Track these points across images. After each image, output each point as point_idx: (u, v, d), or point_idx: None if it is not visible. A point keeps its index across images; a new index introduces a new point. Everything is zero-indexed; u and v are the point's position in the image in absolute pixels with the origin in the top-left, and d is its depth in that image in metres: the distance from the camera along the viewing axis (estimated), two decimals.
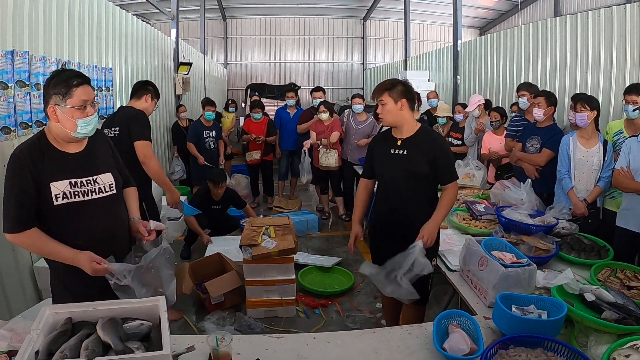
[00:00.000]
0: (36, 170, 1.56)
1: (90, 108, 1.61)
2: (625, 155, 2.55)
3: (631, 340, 1.36)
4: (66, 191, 1.59)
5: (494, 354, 1.40)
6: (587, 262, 2.20)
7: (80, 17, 3.67)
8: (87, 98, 1.59)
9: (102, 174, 1.70)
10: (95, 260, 1.58)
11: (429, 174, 2.14)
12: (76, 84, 1.57)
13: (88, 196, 1.64)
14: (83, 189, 1.63)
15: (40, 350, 1.27)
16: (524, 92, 3.92)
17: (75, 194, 1.61)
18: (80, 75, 1.61)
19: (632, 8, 3.67)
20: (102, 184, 1.69)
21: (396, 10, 13.07)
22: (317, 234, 4.93)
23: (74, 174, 1.62)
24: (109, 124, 2.90)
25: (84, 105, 1.59)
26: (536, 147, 3.36)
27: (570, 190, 2.95)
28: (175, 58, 7.00)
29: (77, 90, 1.57)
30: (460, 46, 7.13)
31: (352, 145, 5.07)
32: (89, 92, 1.61)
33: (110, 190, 1.71)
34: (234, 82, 14.58)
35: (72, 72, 1.62)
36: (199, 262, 3.49)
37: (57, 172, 1.59)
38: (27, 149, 1.58)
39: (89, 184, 1.65)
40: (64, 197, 1.59)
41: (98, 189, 1.67)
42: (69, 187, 1.60)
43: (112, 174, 1.74)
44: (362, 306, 3.31)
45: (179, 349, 1.45)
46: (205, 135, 5.35)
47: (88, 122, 1.60)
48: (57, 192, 1.58)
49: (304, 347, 1.56)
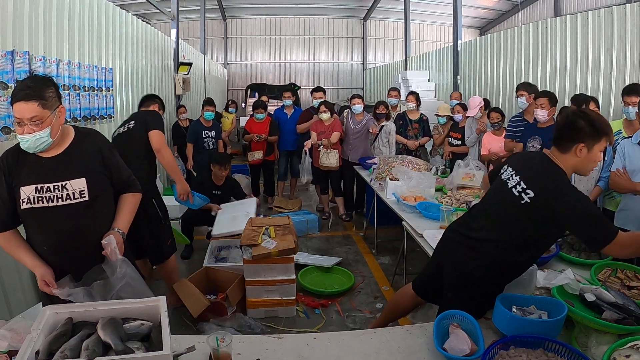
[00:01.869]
0: (11, 175, 1.58)
1: (27, 127, 1.49)
2: (621, 157, 2.57)
3: (631, 341, 1.36)
4: (31, 196, 1.57)
5: (494, 354, 1.40)
6: (587, 262, 2.19)
7: (80, 17, 3.67)
8: (20, 117, 1.48)
9: (73, 180, 1.62)
10: (45, 280, 1.57)
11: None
12: (17, 99, 1.48)
13: (53, 202, 1.59)
14: (48, 194, 1.59)
15: (41, 350, 1.27)
16: (523, 92, 3.93)
17: (38, 200, 1.58)
18: (26, 88, 1.49)
19: (632, 8, 3.67)
20: (71, 190, 1.61)
21: (396, 10, 13.08)
22: (317, 234, 4.93)
23: (41, 179, 1.59)
24: (125, 122, 2.99)
25: (19, 123, 1.50)
26: (537, 148, 3.36)
27: None
28: (175, 58, 6.99)
29: (15, 106, 1.49)
30: (460, 46, 7.13)
31: (351, 145, 5.08)
32: (23, 110, 1.48)
33: (80, 197, 1.62)
34: (234, 82, 14.59)
35: (23, 83, 1.53)
36: (195, 276, 3.25)
37: (27, 176, 1.59)
38: (9, 154, 1.61)
39: (56, 190, 1.59)
40: (27, 202, 1.58)
41: (66, 195, 1.60)
42: (34, 192, 1.58)
43: (87, 180, 1.64)
44: (362, 306, 3.31)
45: (179, 349, 1.45)
46: (204, 135, 5.36)
47: (24, 140, 1.52)
48: (23, 196, 1.58)
49: (304, 347, 1.56)
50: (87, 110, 3.80)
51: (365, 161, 4.84)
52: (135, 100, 5.03)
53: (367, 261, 4.15)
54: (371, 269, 3.94)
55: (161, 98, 3.14)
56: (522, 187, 1.68)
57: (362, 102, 5.06)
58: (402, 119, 5.24)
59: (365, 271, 3.93)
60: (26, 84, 1.52)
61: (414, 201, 3.32)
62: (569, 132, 1.65)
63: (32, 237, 1.66)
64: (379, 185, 3.94)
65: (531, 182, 1.66)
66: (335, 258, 4.05)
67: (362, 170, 4.87)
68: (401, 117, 5.29)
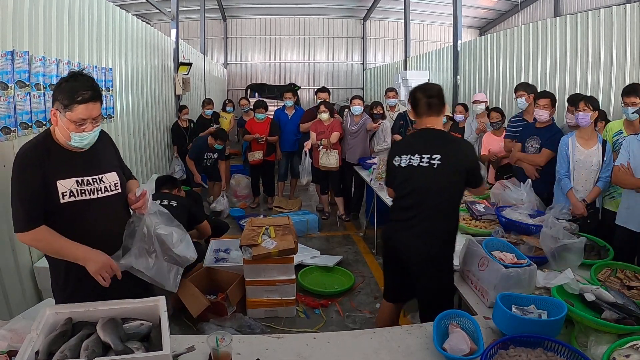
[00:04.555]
0: (43, 168, 1.55)
1: (89, 125, 1.55)
2: (626, 153, 2.55)
3: (631, 340, 1.36)
4: (73, 189, 1.59)
5: (494, 354, 1.40)
6: (587, 262, 2.19)
7: (80, 17, 3.67)
8: (87, 117, 1.53)
9: (107, 173, 1.69)
10: (111, 265, 1.57)
11: None
12: (80, 101, 1.51)
13: (94, 194, 1.64)
14: (90, 187, 1.63)
15: (41, 350, 1.27)
16: (522, 93, 3.92)
17: (82, 192, 1.61)
18: (91, 89, 1.53)
19: (632, 8, 3.67)
20: (107, 183, 1.68)
21: (396, 10, 13.08)
22: (317, 234, 4.93)
23: (80, 172, 1.62)
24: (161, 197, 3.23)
25: (81, 123, 1.53)
26: (536, 147, 3.36)
27: (570, 191, 2.95)
28: (175, 58, 6.99)
29: (79, 108, 1.51)
30: (460, 46, 7.13)
31: (349, 145, 5.07)
32: (91, 110, 1.54)
33: (115, 190, 1.70)
34: (234, 82, 14.58)
35: (83, 84, 1.53)
36: (195, 276, 3.23)
37: (63, 170, 1.59)
38: (33, 147, 1.58)
39: (95, 183, 1.64)
40: (70, 195, 1.58)
41: (104, 187, 1.66)
42: (75, 185, 1.59)
43: (117, 174, 1.73)
44: (362, 306, 3.31)
45: (179, 349, 1.45)
46: (206, 156, 5.40)
47: (83, 137, 1.56)
48: (63, 190, 1.57)
49: (304, 347, 1.56)
50: None
51: (365, 161, 4.84)
52: (136, 100, 5.05)
53: (367, 261, 4.15)
54: (371, 269, 3.94)
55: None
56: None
57: (362, 104, 5.05)
58: (403, 119, 5.24)
59: (365, 271, 3.93)
60: (86, 84, 1.53)
61: None
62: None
63: (69, 231, 1.60)
64: (379, 185, 3.94)
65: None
66: (336, 257, 4.06)
67: (361, 170, 4.88)
68: (402, 117, 5.29)
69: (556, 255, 2.10)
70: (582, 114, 2.89)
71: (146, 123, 5.44)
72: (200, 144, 5.42)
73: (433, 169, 2.00)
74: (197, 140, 5.59)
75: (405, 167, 2.08)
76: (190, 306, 2.91)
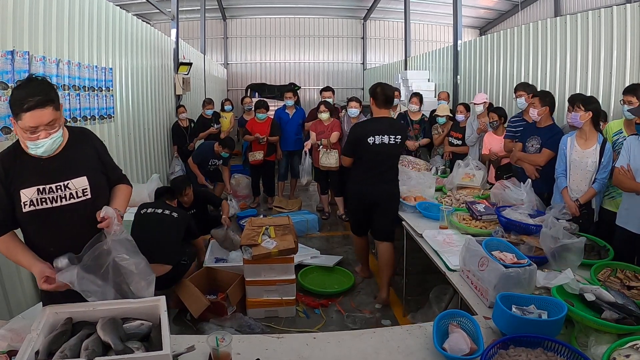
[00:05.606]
0: (8, 178, 1.55)
1: (42, 132, 1.47)
2: (626, 154, 2.54)
3: (631, 340, 1.36)
4: (33, 198, 1.55)
5: (494, 354, 1.40)
6: (587, 262, 2.19)
7: (80, 17, 3.67)
8: (37, 124, 1.45)
9: (75, 179, 1.62)
10: (46, 274, 1.52)
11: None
12: (26, 109, 1.42)
13: (57, 202, 1.58)
14: (52, 195, 1.57)
15: (41, 350, 1.27)
16: (522, 93, 3.93)
17: (42, 201, 1.56)
18: (39, 94, 1.44)
19: (632, 8, 3.66)
20: (74, 189, 1.61)
21: (396, 10, 13.07)
22: (317, 234, 4.93)
23: (42, 180, 1.57)
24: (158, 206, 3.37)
25: (33, 130, 1.46)
26: (536, 147, 3.36)
27: (564, 190, 2.95)
28: (175, 58, 6.99)
29: (26, 116, 1.43)
30: (460, 46, 7.13)
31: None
32: (39, 117, 1.45)
33: (83, 196, 1.63)
34: (234, 82, 14.57)
35: (31, 91, 1.44)
36: (195, 276, 3.26)
37: (27, 178, 1.56)
38: (3, 157, 1.58)
39: (59, 190, 1.59)
40: (30, 205, 1.55)
41: (69, 194, 1.60)
42: (36, 194, 1.56)
43: (89, 178, 1.64)
44: (362, 306, 3.31)
45: (179, 349, 1.45)
46: (210, 162, 5.38)
47: (38, 145, 1.50)
48: (25, 199, 1.55)
49: (304, 347, 1.56)
50: (87, 110, 3.80)
51: None
52: (136, 100, 5.05)
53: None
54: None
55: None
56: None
57: (359, 106, 4.94)
58: (403, 119, 5.24)
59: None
60: (33, 90, 1.44)
61: (414, 201, 3.32)
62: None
63: (35, 240, 1.62)
64: None
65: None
66: (336, 257, 4.05)
67: None
68: (402, 117, 5.29)
69: (556, 255, 2.11)
70: (573, 114, 2.91)
71: (146, 123, 5.44)
72: (206, 150, 5.37)
73: (396, 145, 3.21)
74: (203, 146, 5.55)
75: (379, 144, 3.15)
76: (190, 306, 2.91)
